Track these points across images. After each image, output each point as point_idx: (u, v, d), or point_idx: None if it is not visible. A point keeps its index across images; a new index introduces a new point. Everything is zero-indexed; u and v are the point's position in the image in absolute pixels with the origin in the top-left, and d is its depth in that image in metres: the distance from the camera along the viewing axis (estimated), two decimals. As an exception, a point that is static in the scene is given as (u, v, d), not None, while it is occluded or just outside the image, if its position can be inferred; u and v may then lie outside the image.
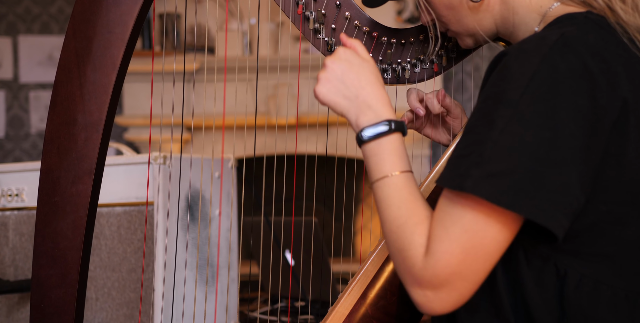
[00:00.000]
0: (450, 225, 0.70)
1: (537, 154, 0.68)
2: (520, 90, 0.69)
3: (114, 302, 1.45)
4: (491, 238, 0.69)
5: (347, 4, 0.94)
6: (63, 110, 0.94)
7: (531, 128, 0.68)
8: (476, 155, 0.69)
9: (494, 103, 0.70)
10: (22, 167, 1.55)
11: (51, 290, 0.95)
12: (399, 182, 0.78)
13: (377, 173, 0.78)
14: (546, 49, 0.70)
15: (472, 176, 0.68)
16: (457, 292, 0.70)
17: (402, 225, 0.75)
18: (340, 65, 0.81)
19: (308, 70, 3.30)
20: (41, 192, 0.94)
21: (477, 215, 0.69)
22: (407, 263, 0.73)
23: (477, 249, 0.69)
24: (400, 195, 0.77)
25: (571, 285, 0.73)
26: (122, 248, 1.44)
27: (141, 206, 1.44)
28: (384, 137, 0.78)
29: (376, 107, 0.80)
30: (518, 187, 0.68)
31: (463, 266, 0.70)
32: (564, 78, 0.69)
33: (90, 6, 0.92)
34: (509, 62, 0.71)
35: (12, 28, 3.81)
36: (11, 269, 1.55)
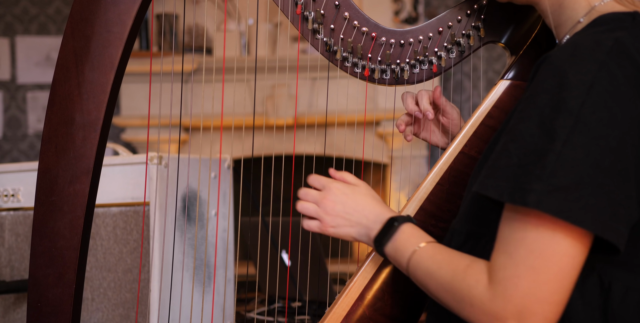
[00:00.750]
0: (513, 250, 0.67)
1: (602, 165, 0.65)
2: (581, 98, 0.66)
3: (110, 302, 1.45)
4: (561, 255, 0.66)
5: (346, 4, 0.94)
6: (61, 109, 0.93)
7: (595, 138, 0.66)
8: (538, 167, 0.66)
9: (552, 111, 0.67)
10: (18, 167, 1.55)
11: (48, 290, 0.94)
12: (427, 250, 0.78)
13: (404, 260, 0.79)
14: (603, 55, 0.68)
15: (536, 190, 0.65)
16: (540, 316, 0.66)
17: (452, 279, 0.73)
18: (338, 200, 0.87)
19: (306, 70, 3.30)
20: (39, 191, 0.94)
21: (541, 232, 0.66)
22: (475, 304, 0.69)
23: (547, 267, 0.66)
24: (434, 259, 0.76)
25: (616, 298, 0.71)
26: (118, 249, 1.44)
27: (137, 206, 1.43)
28: (395, 233, 0.82)
29: (378, 218, 0.84)
30: (583, 200, 0.65)
31: (536, 287, 0.66)
32: (623, 86, 0.67)
33: (88, 6, 0.92)
34: (562, 67, 0.68)
35: (10, 29, 3.80)
36: (7, 269, 1.55)
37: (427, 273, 0.76)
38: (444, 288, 0.73)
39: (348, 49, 0.95)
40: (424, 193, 0.93)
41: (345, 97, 3.07)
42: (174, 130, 3.24)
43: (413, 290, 0.86)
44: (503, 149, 0.70)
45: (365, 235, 0.85)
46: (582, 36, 0.74)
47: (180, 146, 3.48)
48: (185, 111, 3.32)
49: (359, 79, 0.96)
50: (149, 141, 2.62)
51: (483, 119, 0.93)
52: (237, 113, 3.40)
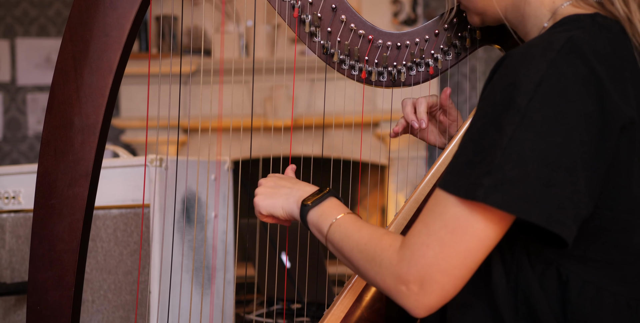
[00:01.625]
0: (430, 221, 0.71)
1: (547, 160, 0.67)
2: (528, 96, 0.68)
3: (110, 304, 1.45)
4: (472, 235, 0.69)
5: (343, 7, 0.95)
6: (60, 113, 0.94)
7: (540, 134, 0.68)
8: (487, 163, 0.68)
9: (503, 109, 0.69)
10: (19, 169, 1.55)
11: (47, 293, 0.95)
12: (349, 218, 0.81)
13: (325, 226, 0.82)
14: (553, 53, 0.70)
15: (483, 185, 0.68)
16: (439, 286, 0.70)
17: (368, 241, 0.76)
18: (269, 179, 0.92)
19: (304, 72, 3.30)
20: (38, 194, 0.94)
21: (460, 211, 0.69)
22: (383, 265, 0.73)
23: (455, 244, 0.69)
24: (355, 224, 0.80)
25: (574, 291, 0.73)
26: (118, 251, 1.44)
27: (137, 208, 1.44)
28: (324, 200, 0.85)
29: (311, 188, 0.88)
30: (529, 193, 0.67)
31: (440, 259, 0.69)
32: (572, 83, 0.68)
33: (87, 10, 0.92)
34: (515, 67, 0.71)
35: (10, 30, 3.81)
36: (8, 271, 1.55)
37: (345, 236, 0.79)
38: (358, 248, 0.77)
39: (345, 51, 0.96)
40: (421, 195, 0.94)
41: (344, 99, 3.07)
42: (173, 131, 3.24)
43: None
44: (462, 146, 0.72)
45: (295, 202, 0.87)
46: (538, 36, 0.76)
47: (179, 148, 3.48)
48: (184, 113, 3.33)
49: (356, 82, 0.97)
50: (147, 143, 2.62)
51: None
52: (236, 114, 3.40)
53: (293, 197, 0.88)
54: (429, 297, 0.70)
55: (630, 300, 0.73)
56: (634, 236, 0.73)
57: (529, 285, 0.74)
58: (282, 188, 0.90)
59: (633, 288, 0.74)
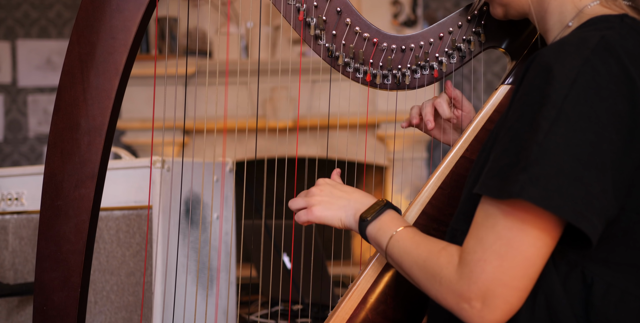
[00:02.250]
0: (483, 235, 0.70)
1: (580, 157, 0.67)
2: (564, 91, 0.68)
3: (113, 306, 1.45)
4: (528, 244, 0.69)
5: (348, 10, 0.95)
6: (66, 115, 0.94)
7: (575, 130, 0.68)
8: (524, 159, 0.68)
9: (539, 105, 0.69)
10: (22, 171, 1.56)
11: (54, 293, 0.95)
12: (408, 232, 0.81)
13: (384, 241, 0.82)
14: (588, 51, 0.70)
15: (519, 181, 0.68)
16: (502, 300, 0.69)
17: (427, 258, 0.76)
18: (324, 187, 0.91)
19: (306, 73, 3.31)
20: (44, 195, 0.95)
21: (511, 221, 0.69)
22: (443, 283, 0.73)
23: (513, 255, 0.68)
24: (414, 240, 0.80)
25: (598, 294, 0.72)
26: (120, 252, 1.45)
27: (140, 210, 1.44)
28: (382, 213, 0.85)
29: (366, 201, 0.88)
30: (562, 189, 0.67)
31: (501, 272, 0.68)
32: (606, 82, 0.68)
33: (93, 13, 0.93)
34: (549, 63, 0.70)
35: (11, 32, 3.81)
36: (11, 273, 1.56)
37: (405, 251, 0.79)
38: (418, 265, 0.77)
39: (350, 54, 0.96)
40: (425, 197, 0.94)
41: (345, 100, 3.08)
42: (177, 133, 3.25)
43: (415, 294, 0.87)
44: (501, 148, 0.72)
45: (352, 215, 0.87)
46: (570, 34, 0.76)
47: (183, 149, 3.48)
48: (186, 114, 3.33)
49: (361, 84, 0.97)
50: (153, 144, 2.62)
51: (484, 123, 0.94)
52: (238, 116, 3.41)
53: (351, 209, 0.88)
54: (494, 312, 0.70)
55: None
56: None
57: (551, 287, 0.73)
58: (339, 200, 0.89)
59: None
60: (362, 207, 0.87)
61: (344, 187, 0.91)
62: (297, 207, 0.92)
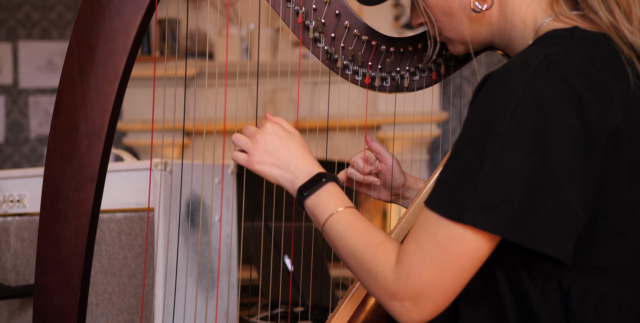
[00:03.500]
0: (424, 241, 0.72)
1: (530, 181, 0.68)
2: (507, 118, 0.69)
3: (114, 307, 1.46)
4: (465, 255, 0.71)
5: (347, 13, 0.95)
6: (66, 118, 0.95)
7: (521, 155, 0.69)
8: (470, 186, 0.70)
9: (483, 132, 0.71)
10: (24, 173, 1.56)
11: (53, 297, 0.95)
12: (347, 215, 0.81)
13: (323, 217, 0.82)
14: (529, 73, 0.70)
15: (469, 209, 0.69)
16: (433, 303, 0.72)
17: (363, 250, 0.77)
18: (270, 139, 0.87)
19: (308, 75, 3.31)
20: (44, 198, 0.95)
21: (452, 231, 0.71)
22: (378, 280, 0.74)
23: (450, 264, 0.71)
24: (352, 226, 0.80)
25: (576, 300, 0.73)
26: (122, 254, 1.45)
27: (141, 212, 1.44)
28: (320, 188, 0.83)
29: (307, 169, 0.85)
30: (516, 216, 0.68)
31: (436, 279, 0.71)
32: (550, 101, 0.69)
33: (93, 16, 0.93)
34: (494, 88, 0.72)
35: (12, 33, 3.82)
36: (12, 274, 1.56)
37: (342, 238, 0.79)
38: (354, 256, 0.78)
39: (349, 57, 0.96)
40: (418, 208, 0.94)
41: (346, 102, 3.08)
42: (177, 134, 3.25)
43: None
44: (446, 164, 0.73)
45: (290, 181, 0.85)
46: (517, 56, 0.76)
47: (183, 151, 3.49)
48: (186, 116, 3.34)
49: (360, 87, 0.98)
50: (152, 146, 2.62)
51: None
52: (238, 117, 3.41)
53: (290, 174, 0.85)
54: (422, 313, 0.72)
55: (633, 304, 0.74)
56: (626, 238, 0.74)
57: (530, 299, 0.74)
58: (281, 159, 0.86)
59: (635, 292, 0.74)
60: (303, 175, 0.85)
61: (290, 143, 0.87)
62: (238, 146, 0.90)
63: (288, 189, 0.86)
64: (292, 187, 0.85)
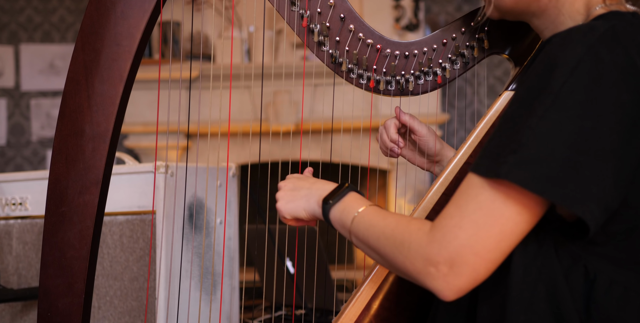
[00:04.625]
0: (464, 203, 0.70)
1: (575, 144, 0.67)
2: (563, 78, 0.68)
3: (116, 311, 1.45)
4: (507, 218, 0.68)
5: (351, 16, 0.96)
6: (71, 121, 0.95)
7: (570, 117, 0.67)
8: (515, 142, 0.68)
9: (537, 92, 0.69)
10: (26, 176, 1.56)
11: (58, 300, 0.95)
12: (372, 209, 0.80)
13: (348, 220, 0.81)
14: (594, 39, 0.69)
15: (508, 162, 0.68)
16: (470, 267, 0.69)
17: (395, 227, 0.75)
18: (289, 181, 0.91)
19: (308, 77, 3.31)
20: (49, 202, 0.95)
21: (495, 194, 0.69)
22: (412, 248, 0.72)
23: (490, 226, 0.68)
24: (380, 214, 0.79)
25: (600, 290, 0.72)
26: (124, 257, 1.45)
27: (143, 215, 1.44)
28: (345, 195, 0.84)
29: (328, 187, 0.87)
30: (553, 174, 0.67)
31: (474, 241, 0.68)
32: (609, 71, 0.68)
33: (98, 19, 0.93)
34: (553, 51, 0.70)
35: (14, 37, 3.83)
36: (15, 277, 1.56)
37: (370, 225, 0.78)
38: (385, 235, 0.76)
39: (353, 60, 0.96)
40: (429, 204, 0.94)
41: (348, 104, 3.08)
42: (175, 137, 3.25)
43: (419, 300, 0.87)
44: (496, 130, 0.72)
45: (315, 201, 0.86)
46: (581, 24, 0.76)
47: (187, 153, 3.49)
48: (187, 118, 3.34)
49: (364, 90, 0.98)
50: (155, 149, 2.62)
51: (488, 129, 0.94)
52: (240, 120, 3.41)
53: (313, 197, 0.87)
54: (459, 278, 0.69)
55: None
56: None
57: (554, 278, 0.73)
58: (301, 190, 0.89)
59: None
60: (324, 193, 0.86)
61: (308, 178, 0.91)
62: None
63: (315, 212, 0.86)
64: (317, 204, 0.86)
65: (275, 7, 0.95)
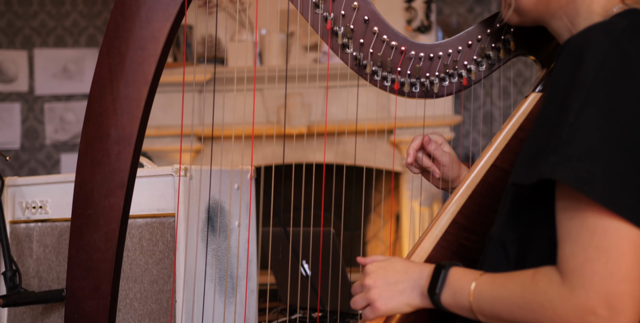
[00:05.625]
0: (576, 236, 0.65)
1: (611, 139, 0.66)
2: (592, 73, 0.67)
3: (136, 313, 1.46)
4: (626, 231, 0.64)
5: (375, 19, 0.96)
6: (96, 124, 0.95)
7: (606, 110, 0.66)
8: (554, 139, 0.67)
9: (568, 90, 0.69)
10: (46, 179, 1.57)
11: (84, 302, 0.96)
12: (485, 281, 0.75)
13: (465, 303, 0.76)
14: (616, 33, 0.69)
15: (550, 161, 0.66)
16: (629, 297, 0.62)
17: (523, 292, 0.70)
18: (376, 275, 0.85)
19: (323, 80, 3.31)
20: (75, 204, 0.96)
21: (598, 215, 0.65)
22: (555, 304, 0.66)
23: (616, 245, 0.63)
24: (496, 284, 0.74)
25: None
26: (144, 260, 1.46)
27: (162, 218, 1.45)
28: (446, 279, 0.79)
29: (423, 274, 0.82)
30: (595, 170, 0.65)
31: (613, 267, 0.63)
32: (637, 64, 0.68)
33: (123, 23, 0.94)
34: (578, 48, 0.70)
35: (28, 41, 3.85)
36: (35, 280, 1.57)
37: (494, 299, 0.73)
38: (517, 305, 0.70)
39: (377, 62, 0.96)
40: (456, 207, 0.94)
41: (361, 106, 3.08)
42: (193, 140, 3.26)
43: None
44: (531, 136, 0.71)
45: (419, 294, 0.82)
46: (597, 22, 0.75)
47: (196, 155, 3.50)
48: (201, 121, 3.35)
49: (389, 92, 0.98)
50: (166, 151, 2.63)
51: (515, 131, 0.94)
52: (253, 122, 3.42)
53: (415, 289, 0.82)
54: (624, 314, 0.63)
55: None
56: None
57: None
58: (397, 285, 0.83)
59: None
60: (423, 282, 0.81)
61: (395, 267, 0.85)
62: (360, 307, 0.86)
63: (423, 305, 0.82)
64: (422, 296, 0.81)
65: (299, 10, 0.96)
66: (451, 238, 0.88)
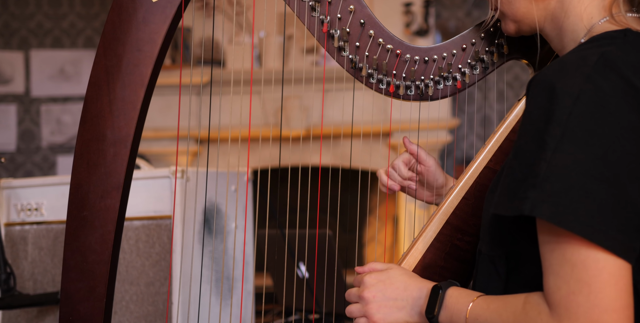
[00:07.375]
0: (558, 269, 0.68)
1: (590, 172, 0.68)
2: (568, 109, 0.69)
3: (132, 316, 1.46)
4: (604, 263, 0.67)
5: (371, 22, 0.96)
6: (93, 126, 0.95)
7: (582, 146, 0.68)
8: (532, 176, 0.69)
9: (544, 124, 0.70)
10: (42, 181, 1.57)
11: (79, 304, 0.96)
12: (481, 302, 0.78)
13: (462, 319, 0.79)
14: (588, 68, 0.71)
15: (529, 197, 0.68)
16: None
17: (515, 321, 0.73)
18: (375, 289, 0.86)
19: (317, 82, 3.32)
20: (71, 206, 0.96)
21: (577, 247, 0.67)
22: None
23: (595, 277, 0.66)
24: (490, 309, 0.76)
25: None
26: (140, 262, 1.46)
27: (159, 220, 1.45)
28: (443, 300, 0.81)
29: (421, 293, 0.84)
30: (575, 205, 0.67)
31: (595, 298, 0.66)
32: (610, 96, 0.70)
33: (120, 25, 0.94)
34: (551, 82, 0.72)
35: (24, 42, 3.85)
36: (30, 283, 1.56)
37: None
38: None
39: (373, 65, 0.97)
40: (449, 208, 0.95)
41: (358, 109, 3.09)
42: (190, 142, 3.26)
43: None
44: (509, 167, 0.73)
45: (417, 313, 0.84)
46: (570, 53, 0.77)
47: (194, 158, 3.50)
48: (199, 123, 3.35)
49: (384, 95, 0.98)
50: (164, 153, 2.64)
51: (508, 134, 0.95)
52: (251, 124, 3.42)
53: (414, 307, 0.84)
54: None
55: None
56: None
57: None
58: (395, 301, 0.85)
59: None
60: (422, 302, 0.83)
61: (394, 282, 0.87)
62: (355, 316, 0.88)
63: (422, 322, 0.84)
64: (420, 315, 0.84)
65: (296, 13, 0.96)
66: (445, 239, 0.89)
